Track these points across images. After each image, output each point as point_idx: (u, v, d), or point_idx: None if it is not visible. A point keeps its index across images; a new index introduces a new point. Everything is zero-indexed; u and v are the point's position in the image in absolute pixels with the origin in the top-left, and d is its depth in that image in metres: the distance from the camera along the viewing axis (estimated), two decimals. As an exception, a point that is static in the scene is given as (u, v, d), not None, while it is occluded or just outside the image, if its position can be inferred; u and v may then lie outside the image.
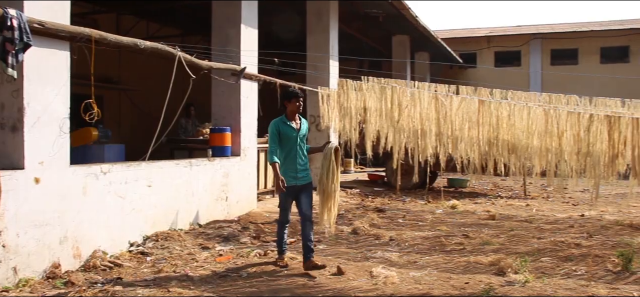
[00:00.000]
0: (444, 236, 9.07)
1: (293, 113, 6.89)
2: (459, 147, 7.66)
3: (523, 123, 7.38)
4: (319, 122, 11.86)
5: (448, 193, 15.15)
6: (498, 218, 11.01)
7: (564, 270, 7.14)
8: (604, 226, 10.29)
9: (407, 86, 8.01)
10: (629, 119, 7.23)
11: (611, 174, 7.31)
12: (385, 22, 17.86)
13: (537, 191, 16.05)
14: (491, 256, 7.55)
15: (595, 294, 6.04)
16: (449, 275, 6.77)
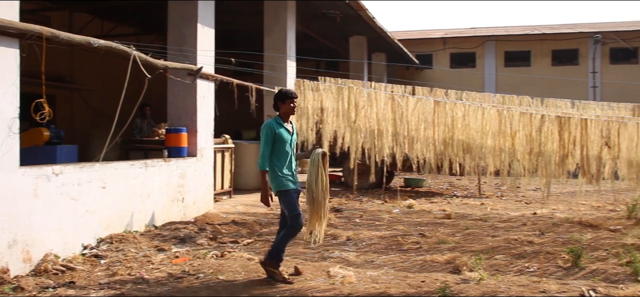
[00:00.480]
0: (400, 235, 9.15)
1: (287, 115, 6.57)
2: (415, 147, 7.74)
3: (477, 123, 7.50)
4: (277, 122, 11.80)
5: (405, 193, 15.30)
6: (454, 217, 11.16)
7: (517, 267, 7.29)
8: (555, 223, 10.55)
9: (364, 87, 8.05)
10: (578, 119, 7.44)
11: (562, 173, 7.50)
12: (343, 22, 17.94)
13: (491, 190, 16.34)
14: (447, 255, 7.66)
15: (547, 290, 6.19)
16: (405, 274, 6.83)
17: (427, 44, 28.36)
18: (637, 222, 10.41)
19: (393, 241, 8.82)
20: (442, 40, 28.35)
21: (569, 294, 6.08)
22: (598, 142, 7.33)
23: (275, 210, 11.67)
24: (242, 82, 11.10)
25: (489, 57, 27.70)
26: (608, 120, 7.47)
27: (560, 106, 8.18)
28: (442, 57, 28.23)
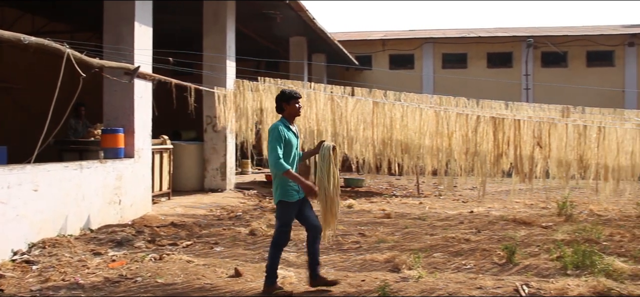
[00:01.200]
0: (340, 235, 9.21)
1: (292, 116, 6.15)
2: (354, 147, 7.80)
3: (415, 124, 7.63)
4: (215, 122, 11.70)
5: (345, 192, 15.40)
6: (393, 216, 11.32)
7: (454, 264, 7.45)
8: (491, 221, 10.85)
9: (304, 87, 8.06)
10: (512, 120, 7.67)
11: (496, 172, 7.71)
12: (283, 23, 17.92)
13: (429, 189, 16.66)
14: (386, 254, 7.75)
15: (483, 286, 6.36)
16: (346, 273, 6.88)
17: (367, 46, 28.64)
18: (566, 219, 10.82)
19: (333, 240, 8.85)
20: (381, 42, 28.66)
21: (504, 289, 6.26)
22: (530, 142, 7.58)
23: (215, 211, 11.57)
24: (181, 82, 10.94)
25: (427, 59, 28.20)
26: (539, 122, 7.73)
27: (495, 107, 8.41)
28: (382, 59, 28.55)
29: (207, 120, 14.77)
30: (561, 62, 27.53)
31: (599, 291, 6.11)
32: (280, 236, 6.01)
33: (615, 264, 7.12)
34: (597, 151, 7.43)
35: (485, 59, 27.94)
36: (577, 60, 27.07)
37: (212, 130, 14.67)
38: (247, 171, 20.17)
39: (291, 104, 6.05)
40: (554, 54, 27.35)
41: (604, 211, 12.15)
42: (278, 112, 6.18)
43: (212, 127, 14.51)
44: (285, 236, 6.01)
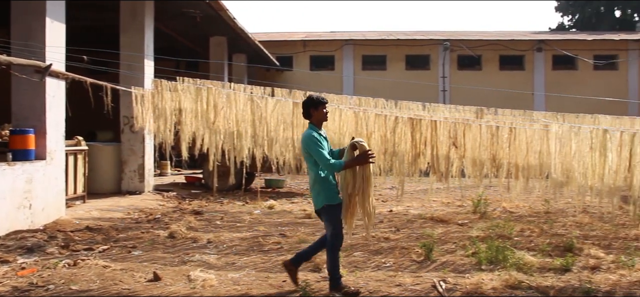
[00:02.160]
0: (262, 236, 9.18)
1: (321, 122, 6.11)
2: (274, 148, 7.77)
3: (335, 124, 7.68)
4: (133, 123, 11.38)
5: (266, 194, 15.37)
6: (314, 217, 11.36)
7: (374, 262, 7.58)
8: (410, 219, 11.11)
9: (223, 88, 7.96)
10: (429, 121, 7.86)
11: (414, 171, 7.87)
12: (203, 22, 17.67)
13: (350, 189, 16.82)
14: (308, 255, 7.78)
15: (402, 283, 6.51)
16: (267, 274, 6.86)
17: (288, 46, 28.66)
18: (481, 216, 11.23)
19: (254, 242, 8.82)
20: (302, 43, 28.75)
21: (422, 286, 6.43)
22: (446, 143, 7.79)
23: (132, 214, 11.26)
24: (97, 81, 10.57)
25: (347, 60, 28.52)
26: (455, 122, 7.96)
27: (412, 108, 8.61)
28: (302, 59, 28.65)
29: (124, 120, 14.37)
30: (476, 65, 28.52)
31: (511, 284, 6.39)
32: (334, 240, 5.99)
33: (526, 258, 7.47)
34: (508, 151, 7.72)
35: (404, 61, 28.54)
36: (491, 63, 28.13)
37: (129, 131, 14.29)
38: (167, 173, 19.79)
39: (319, 110, 6.04)
40: (469, 57, 28.30)
41: (515, 207, 12.69)
42: (305, 118, 6.17)
43: (130, 128, 14.13)
44: (340, 238, 6.01)
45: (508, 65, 28.28)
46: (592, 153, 6.79)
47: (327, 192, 5.91)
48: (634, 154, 6.68)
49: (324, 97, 6.19)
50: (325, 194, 5.91)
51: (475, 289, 6.30)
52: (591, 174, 6.83)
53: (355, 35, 30.37)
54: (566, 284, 6.58)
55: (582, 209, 12.05)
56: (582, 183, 6.97)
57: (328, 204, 5.91)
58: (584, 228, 10.24)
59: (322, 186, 5.91)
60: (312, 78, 26.64)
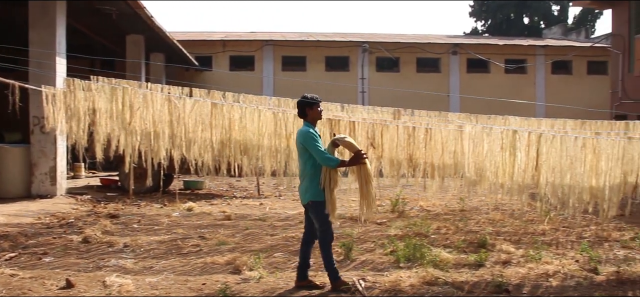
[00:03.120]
0: (180, 239, 9.04)
1: (315, 120, 6.34)
2: (192, 149, 7.64)
3: (254, 125, 7.63)
4: (44, 124, 10.90)
5: (184, 195, 15.12)
6: (233, 218, 11.31)
7: (295, 263, 7.56)
8: (331, 219, 11.20)
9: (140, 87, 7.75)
10: (347, 122, 7.96)
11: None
12: (119, 20, 17.15)
13: (270, 190, 16.81)
14: (227, 256, 7.72)
15: (321, 282, 6.55)
16: (186, 278, 6.76)
17: (207, 46, 28.25)
18: (399, 215, 11.48)
19: (173, 245, 8.67)
20: (221, 43, 28.41)
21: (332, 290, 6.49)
22: (364, 143, 7.91)
23: (43, 219, 10.80)
24: (3, 80, 10.06)
25: (267, 61, 28.44)
26: (373, 123, 8.09)
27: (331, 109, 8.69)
28: (222, 60, 28.32)
29: (34, 121, 13.75)
30: (394, 67, 29.12)
31: (428, 281, 6.58)
32: (324, 236, 6.20)
33: (442, 255, 7.71)
34: (424, 151, 7.93)
35: (324, 63, 28.75)
36: (408, 65, 28.79)
37: (40, 131, 13.69)
38: (80, 175, 19.11)
39: (314, 109, 6.25)
40: (388, 60, 28.85)
41: (432, 206, 13.06)
42: (301, 117, 6.38)
43: (40, 129, 13.54)
44: (329, 232, 6.20)
45: (425, 67, 29.05)
46: (502, 152, 7.08)
47: (315, 188, 6.09)
48: (540, 154, 7.02)
49: (318, 97, 6.40)
50: (312, 191, 6.11)
51: (394, 287, 6.44)
52: (502, 173, 7.12)
53: (275, 36, 30.34)
54: (480, 278, 6.84)
55: (494, 207, 12.55)
56: (494, 181, 7.25)
57: (314, 200, 6.12)
58: (496, 225, 10.66)
59: (311, 182, 6.12)
60: (232, 78, 26.39)
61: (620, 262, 7.58)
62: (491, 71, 29.36)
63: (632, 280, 6.84)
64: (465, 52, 29.32)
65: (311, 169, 6.13)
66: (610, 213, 7.15)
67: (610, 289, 6.46)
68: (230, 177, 16.08)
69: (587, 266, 7.38)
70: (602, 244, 9.04)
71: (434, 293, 6.25)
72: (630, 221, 10.66)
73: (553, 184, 7.10)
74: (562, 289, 6.48)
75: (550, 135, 7.12)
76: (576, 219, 10.20)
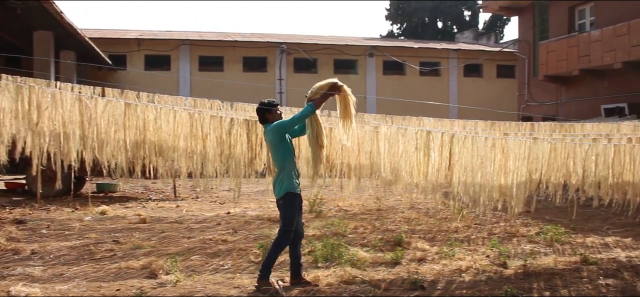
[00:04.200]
0: (93, 244, 8.74)
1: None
2: (105, 150, 7.38)
3: (169, 126, 7.47)
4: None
5: (97, 199, 14.64)
6: (149, 221, 11.06)
7: (212, 266, 7.53)
8: (247, 221, 11.17)
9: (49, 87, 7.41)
10: (266, 122, 7.93)
11: (251, 173, 7.90)
12: (25, 15, 16.36)
13: (187, 192, 16.55)
14: (143, 260, 7.53)
15: (240, 285, 6.55)
16: (99, 284, 6.55)
17: (121, 45, 27.42)
18: (317, 215, 11.56)
19: (85, 250, 8.36)
20: (136, 42, 27.66)
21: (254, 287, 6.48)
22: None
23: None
24: None
25: (183, 61, 27.95)
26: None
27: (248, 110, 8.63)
28: (137, 59, 27.59)
29: None
30: (311, 68, 29.30)
31: (346, 280, 6.67)
32: (283, 237, 6.32)
33: (359, 254, 7.83)
34: (341, 152, 8.01)
35: (242, 63, 28.58)
36: (326, 67, 29.05)
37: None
38: (-17, 179, 18.10)
39: (273, 112, 6.43)
40: (306, 61, 29.01)
41: (349, 206, 13.24)
42: (262, 123, 6.55)
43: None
44: (289, 236, 6.30)
45: (342, 69, 29.38)
46: (417, 153, 7.26)
47: (290, 181, 6.29)
48: (453, 154, 7.25)
49: (274, 100, 6.63)
50: (288, 183, 6.28)
51: (312, 287, 6.48)
52: (417, 173, 7.31)
53: (192, 35, 29.86)
54: (396, 276, 6.99)
55: (410, 206, 12.87)
56: (409, 181, 7.42)
57: (289, 192, 6.27)
58: (412, 223, 10.94)
59: (286, 175, 6.29)
60: (147, 78, 25.76)
61: (527, 256, 7.94)
62: (406, 73, 30.11)
63: (537, 273, 7.19)
64: (382, 54, 29.90)
65: (284, 163, 6.31)
66: (517, 210, 7.48)
67: (518, 282, 6.76)
68: (146, 179, 15.70)
69: (497, 261, 7.70)
70: (511, 239, 9.45)
71: (352, 292, 6.33)
72: (535, 216, 11.22)
73: (465, 183, 7.35)
74: (474, 284, 6.72)
75: (462, 136, 7.37)
76: (487, 216, 10.61)
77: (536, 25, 25.53)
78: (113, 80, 24.86)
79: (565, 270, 7.32)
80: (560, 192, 7.77)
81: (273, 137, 6.34)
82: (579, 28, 22.48)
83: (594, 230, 10.17)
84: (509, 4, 26.13)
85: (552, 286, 6.63)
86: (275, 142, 6.34)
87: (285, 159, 6.32)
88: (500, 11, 27.95)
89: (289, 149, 6.38)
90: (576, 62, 20.90)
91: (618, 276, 7.04)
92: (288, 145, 6.38)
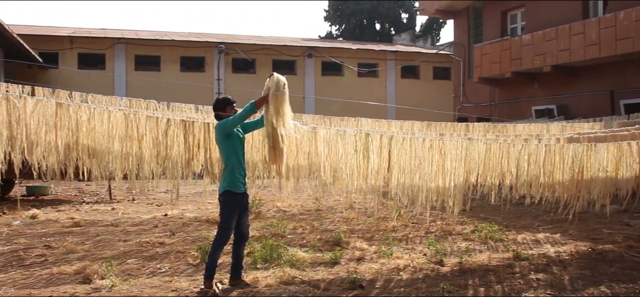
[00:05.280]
0: (23, 249, 8.43)
1: None
2: (35, 152, 7.11)
3: (104, 127, 7.27)
4: None
5: (28, 202, 14.12)
6: (83, 224, 10.75)
7: (149, 269, 7.38)
8: (185, 223, 11.00)
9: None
10: (202, 123, 7.84)
11: (188, 174, 7.80)
12: (-52, 11, 15.63)
13: (123, 194, 16.17)
14: (76, 265, 7.33)
15: (178, 288, 6.45)
16: (29, 291, 6.32)
17: (53, 42, 26.51)
18: (256, 216, 11.49)
19: (14, 256, 8.04)
20: (69, 39, 26.81)
21: (199, 289, 6.41)
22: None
23: None
24: None
25: (119, 60, 27.29)
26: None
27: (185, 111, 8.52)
28: (70, 57, 26.74)
29: None
30: (250, 69, 29.16)
31: (285, 280, 6.68)
32: (221, 234, 6.28)
33: (298, 254, 7.85)
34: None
35: (179, 63, 28.15)
36: (264, 67, 28.94)
37: None
38: None
39: (227, 111, 6.41)
40: (244, 61, 28.84)
41: (288, 206, 13.23)
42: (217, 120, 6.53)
43: None
44: (227, 234, 6.27)
45: (281, 69, 29.19)
46: (356, 155, 7.32)
47: (232, 179, 6.26)
48: (392, 155, 7.35)
49: (232, 98, 6.62)
50: (229, 180, 6.25)
51: (251, 288, 6.45)
52: (357, 175, 7.36)
53: (128, 34, 29.21)
54: (335, 276, 7.03)
55: (349, 206, 12.95)
56: (349, 183, 7.47)
57: (229, 190, 6.24)
58: (351, 223, 11.02)
59: (229, 173, 6.27)
60: (81, 77, 25.01)
61: (463, 254, 8.14)
62: (345, 74, 30.34)
63: (472, 269, 7.37)
64: (320, 55, 30.04)
65: (228, 160, 6.31)
66: (456, 210, 7.68)
67: (454, 279, 6.91)
68: (79, 182, 15.26)
69: (434, 259, 7.85)
70: (447, 237, 9.65)
71: (291, 292, 6.33)
72: (471, 215, 11.50)
73: (403, 184, 7.46)
74: (412, 282, 6.83)
75: (401, 137, 7.47)
76: (424, 215, 10.81)
77: (471, 28, 26.24)
78: (44, 79, 23.99)
79: (498, 266, 7.53)
80: (495, 191, 8.02)
81: (217, 135, 6.38)
82: (511, 32, 23.23)
83: (526, 227, 10.50)
84: (445, 8, 26.74)
85: (486, 282, 6.81)
86: (220, 139, 6.36)
87: (229, 157, 6.30)
88: (436, 14, 28.57)
89: (233, 147, 6.32)
90: (509, 65, 21.59)
91: (547, 271, 7.30)
92: (233, 143, 6.33)
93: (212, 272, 6.28)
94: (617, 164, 8.13)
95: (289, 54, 29.49)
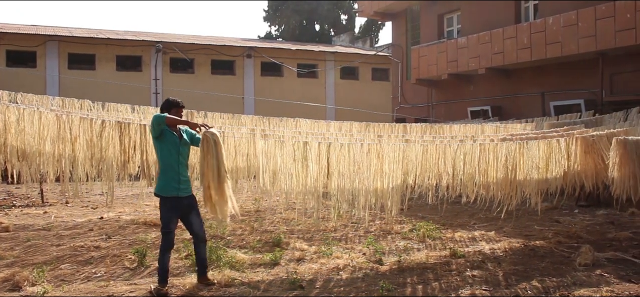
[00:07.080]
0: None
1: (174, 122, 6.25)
2: (-41, 155, 6.81)
3: (34, 128, 7.02)
4: None
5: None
6: (12, 229, 10.36)
7: (84, 274, 7.20)
8: (122, 226, 10.76)
9: None
10: (138, 125, 7.68)
11: (124, 176, 7.64)
12: None
13: (56, 197, 15.65)
14: (5, 271, 7.06)
15: (115, 293, 6.33)
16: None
17: (-21, 39, 25.42)
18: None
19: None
20: (-4, 36, 25.76)
21: (137, 292, 6.30)
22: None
23: None
24: None
25: (51, 58, 26.37)
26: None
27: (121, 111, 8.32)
28: (-3, 55, 25.69)
29: None
30: (188, 69, 28.73)
31: (225, 282, 6.66)
32: (162, 239, 6.25)
33: (238, 256, 7.82)
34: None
35: (115, 62, 27.45)
36: (203, 67, 28.60)
37: None
38: None
39: (171, 113, 6.24)
40: (182, 60, 28.40)
41: (227, 208, 13.09)
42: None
43: None
44: (167, 237, 6.20)
45: (220, 69, 29.08)
46: (295, 164, 7.32)
47: (161, 182, 6.25)
48: (331, 162, 7.40)
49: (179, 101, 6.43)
50: (159, 184, 6.27)
51: (190, 290, 6.39)
52: (296, 182, 7.36)
53: (61, 31, 28.27)
54: (275, 277, 7.04)
55: (288, 206, 12.95)
56: (288, 187, 7.45)
57: (157, 193, 6.28)
58: (290, 223, 11.03)
59: (160, 176, 6.28)
60: (10, 76, 24.04)
61: (401, 253, 8.28)
62: (284, 75, 30.31)
63: (411, 268, 7.51)
64: (260, 55, 29.90)
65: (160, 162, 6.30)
66: (394, 212, 7.80)
67: (393, 278, 7.01)
68: (8, 185, 14.70)
69: (373, 258, 7.95)
70: (386, 237, 9.78)
71: (231, 294, 6.30)
72: (409, 214, 11.70)
73: (343, 189, 7.53)
74: (352, 281, 6.89)
75: (339, 144, 7.54)
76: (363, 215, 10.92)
77: (408, 30, 26.67)
78: (-31, 77, 22.97)
79: (436, 264, 7.70)
80: (433, 191, 8.18)
81: (151, 133, 6.35)
82: (448, 35, 23.73)
83: (462, 225, 10.77)
84: (383, 10, 27.06)
85: (424, 280, 6.95)
86: (153, 138, 6.32)
87: (161, 159, 6.26)
88: (375, 16, 28.87)
89: (164, 149, 6.22)
90: (445, 67, 22.04)
91: (483, 267, 7.51)
92: (164, 145, 6.21)
93: (162, 276, 6.24)
94: (547, 161, 8.44)
95: (228, 54, 29.22)
